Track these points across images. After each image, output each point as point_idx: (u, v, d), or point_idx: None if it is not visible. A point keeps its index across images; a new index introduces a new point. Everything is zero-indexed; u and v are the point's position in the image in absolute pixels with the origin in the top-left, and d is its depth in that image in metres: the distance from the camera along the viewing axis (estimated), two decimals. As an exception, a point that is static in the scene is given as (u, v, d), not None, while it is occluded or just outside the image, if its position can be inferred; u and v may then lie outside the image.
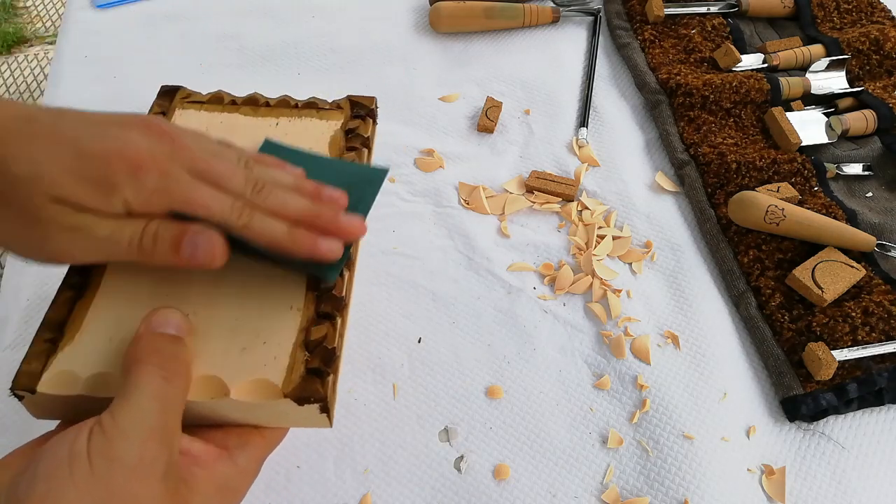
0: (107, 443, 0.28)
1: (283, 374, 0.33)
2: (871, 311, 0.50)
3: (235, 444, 0.34)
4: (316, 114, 0.46)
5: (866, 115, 0.63)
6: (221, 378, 0.33)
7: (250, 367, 0.33)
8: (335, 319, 0.35)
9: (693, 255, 0.57)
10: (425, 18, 0.76)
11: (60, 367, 0.33)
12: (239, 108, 0.46)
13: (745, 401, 0.49)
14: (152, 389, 0.30)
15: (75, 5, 0.78)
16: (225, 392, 0.32)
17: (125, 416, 0.29)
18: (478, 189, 0.60)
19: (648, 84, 0.68)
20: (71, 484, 0.27)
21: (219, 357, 0.34)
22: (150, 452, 0.29)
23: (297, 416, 0.34)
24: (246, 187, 0.35)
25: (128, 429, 0.28)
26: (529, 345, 0.51)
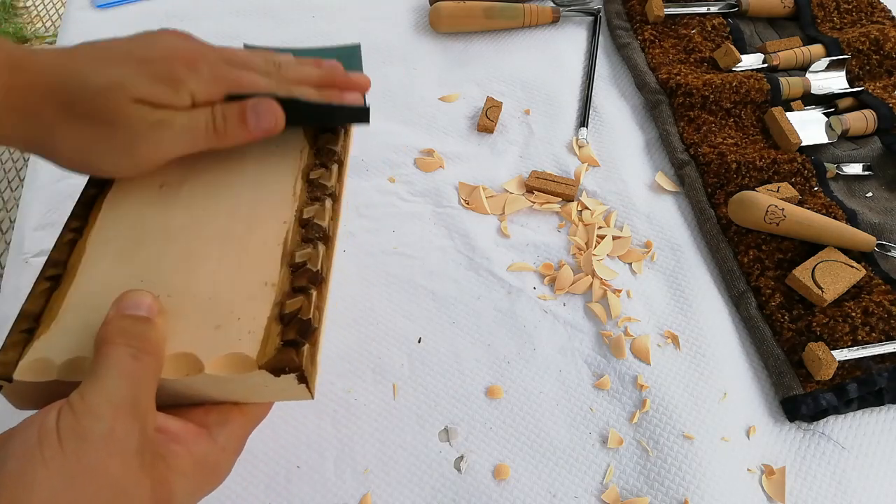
0: (75, 420, 0.28)
1: (258, 347, 0.33)
2: (871, 311, 0.50)
3: (215, 421, 0.34)
4: None
5: (866, 115, 0.63)
6: (196, 355, 0.33)
7: (225, 342, 0.33)
8: (310, 292, 0.35)
9: (693, 255, 0.57)
10: (425, 18, 0.76)
11: (36, 355, 0.33)
12: None
13: (745, 401, 0.49)
14: (120, 367, 0.30)
15: (75, 5, 0.78)
16: (199, 368, 0.32)
17: (93, 394, 0.29)
18: (478, 189, 0.60)
19: (648, 84, 0.68)
20: (41, 462, 0.27)
21: (193, 335, 0.33)
22: (121, 428, 0.28)
23: (276, 388, 0.33)
24: (269, 67, 0.41)
25: (96, 406, 0.28)
26: (529, 345, 0.51)
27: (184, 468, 0.31)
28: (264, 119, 0.38)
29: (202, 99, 0.37)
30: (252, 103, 0.38)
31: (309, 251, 0.37)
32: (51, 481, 0.26)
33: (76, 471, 0.27)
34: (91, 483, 0.27)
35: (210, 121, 0.37)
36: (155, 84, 0.36)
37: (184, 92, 0.36)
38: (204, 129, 0.37)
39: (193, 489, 0.32)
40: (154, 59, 0.36)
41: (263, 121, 0.38)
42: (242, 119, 0.38)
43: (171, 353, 0.33)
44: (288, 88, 0.40)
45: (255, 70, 0.40)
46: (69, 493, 0.27)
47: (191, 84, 0.37)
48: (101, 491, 0.27)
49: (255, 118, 0.38)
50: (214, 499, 0.44)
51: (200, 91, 0.37)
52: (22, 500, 0.26)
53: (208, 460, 0.33)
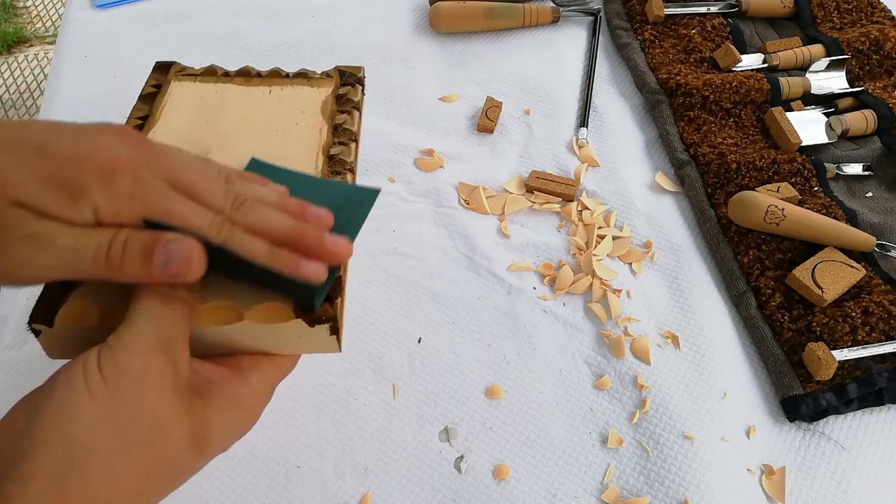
0: (114, 357, 0.29)
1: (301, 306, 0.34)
2: (871, 311, 0.50)
3: (248, 366, 0.35)
4: (307, 82, 0.48)
5: (866, 115, 0.63)
6: (234, 304, 0.34)
7: (262, 294, 0.34)
8: None
9: (693, 255, 0.57)
10: (425, 18, 0.76)
11: (76, 302, 0.34)
12: (232, 80, 0.48)
13: (745, 401, 0.49)
14: (150, 311, 0.31)
15: (75, 5, 0.78)
16: (238, 317, 0.34)
17: (128, 334, 0.30)
18: (478, 189, 0.60)
19: (648, 84, 0.68)
20: (86, 392, 0.28)
21: (231, 287, 0.35)
22: (155, 365, 0.30)
23: (308, 339, 0.35)
24: (226, 201, 0.33)
25: (130, 345, 0.30)
26: (529, 345, 0.51)
27: (220, 407, 0.32)
28: (175, 264, 0.31)
29: (108, 219, 0.30)
30: (166, 240, 0.30)
31: None
32: (96, 410, 0.28)
33: (118, 401, 0.29)
34: (132, 414, 0.29)
35: (104, 248, 0.30)
36: (47, 188, 0.29)
37: (84, 205, 0.29)
38: (92, 257, 0.30)
39: (229, 428, 0.33)
40: (61, 159, 0.30)
41: (174, 265, 0.31)
42: (147, 256, 0.30)
43: (211, 304, 0.34)
44: (230, 234, 0.32)
45: (203, 201, 0.33)
46: (112, 421, 0.28)
47: (96, 197, 0.30)
48: (142, 421, 0.29)
49: (163, 259, 0.30)
50: (215, 499, 0.44)
51: (108, 209, 0.30)
52: (68, 428, 0.28)
53: (242, 401, 0.34)
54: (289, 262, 0.33)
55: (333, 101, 0.47)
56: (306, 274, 0.33)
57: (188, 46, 0.72)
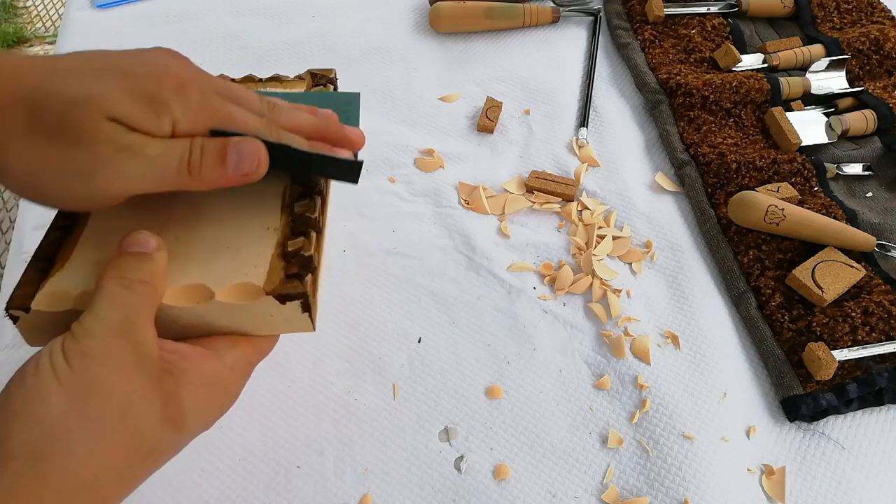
0: (76, 342, 0.30)
1: (264, 278, 0.35)
2: (871, 311, 0.50)
3: (223, 345, 0.36)
4: (280, 84, 0.49)
5: (866, 115, 0.63)
6: (206, 284, 0.35)
7: (233, 274, 0.36)
8: (310, 235, 0.38)
9: (693, 255, 0.57)
10: (425, 18, 0.76)
11: (53, 288, 0.35)
12: None
13: (745, 401, 0.49)
14: (110, 295, 0.32)
15: (75, 5, 0.78)
16: (210, 295, 0.34)
17: (88, 320, 0.31)
18: (478, 189, 0.60)
19: (648, 84, 0.68)
20: (54, 377, 0.29)
21: (203, 269, 0.36)
22: (115, 347, 0.31)
23: (281, 318, 0.36)
24: (263, 107, 0.38)
25: (91, 329, 0.31)
26: (529, 345, 0.51)
27: (193, 384, 0.33)
28: (246, 161, 0.34)
29: (184, 129, 0.33)
30: (236, 142, 0.34)
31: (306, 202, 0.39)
32: (65, 394, 0.29)
33: (84, 384, 0.30)
34: (100, 395, 0.30)
35: (186, 155, 0.33)
36: (135, 102, 0.32)
37: (165, 118, 0.33)
38: (177, 164, 0.33)
39: (205, 405, 0.34)
40: (141, 75, 0.33)
41: (245, 163, 0.34)
42: (222, 158, 0.34)
43: (183, 284, 0.35)
44: (278, 133, 0.37)
45: (248, 107, 0.37)
46: (81, 404, 0.29)
47: (175, 110, 0.33)
48: (110, 402, 0.30)
49: (236, 159, 0.34)
50: (215, 499, 0.44)
51: (184, 119, 0.33)
52: (40, 413, 0.29)
53: (218, 378, 0.35)
54: (327, 150, 0.38)
55: None
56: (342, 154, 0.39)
57: (188, 46, 0.72)
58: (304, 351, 0.50)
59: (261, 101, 0.38)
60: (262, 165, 0.35)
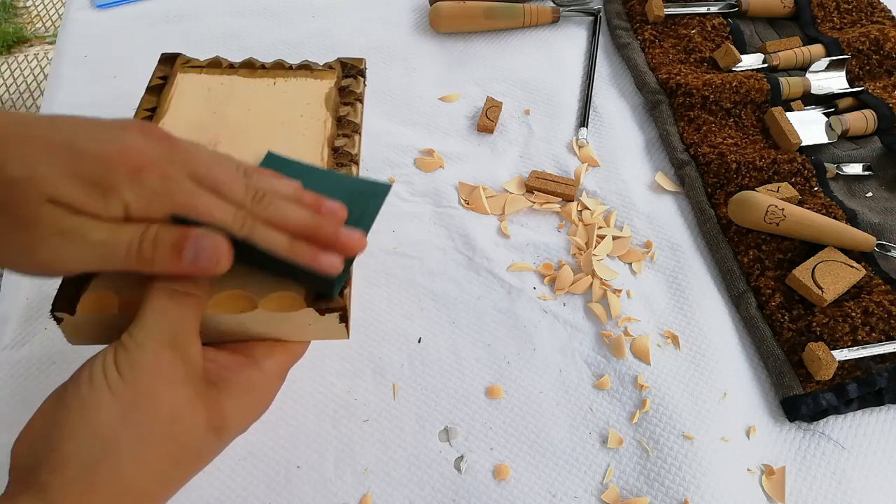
0: (128, 355, 0.31)
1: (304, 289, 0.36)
2: (871, 311, 0.50)
3: (261, 353, 0.37)
4: (310, 74, 0.50)
5: (866, 115, 0.63)
6: (249, 294, 0.36)
7: (274, 285, 0.36)
8: None
9: (693, 255, 0.57)
10: (425, 18, 0.76)
11: (98, 290, 0.35)
12: (237, 71, 0.50)
13: (745, 401, 0.49)
14: (159, 308, 0.33)
15: (75, 5, 0.78)
16: (252, 305, 0.35)
17: (139, 333, 0.32)
18: (478, 189, 0.60)
19: (648, 84, 0.68)
20: (107, 387, 0.31)
21: (246, 278, 0.36)
22: (165, 360, 0.32)
23: (318, 326, 0.37)
24: (246, 196, 0.35)
25: (142, 342, 0.32)
26: (529, 345, 0.51)
27: (234, 393, 0.34)
28: (204, 258, 0.32)
29: (137, 214, 0.32)
30: (195, 235, 0.32)
31: None
32: (117, 404, 0.30)
33: (136, 395, 0.31)
34: (150, 407, 0.31)
35: (135, 242, 0.31)
36: (79, 185, 0.30)
37: (114, 201, 0.31)
38: (125, 251, 0.31)
39: (245, 412, 0.36)
40: (92, 156, 0.31)
41: (203, 259, 0.32)
42: (177, 251, 0.32)
43: (226, 293, 0.36)
44: (252, 228, 0.34)
45: (228, 195, 0.34)
46: (134, 416, 0.31)
47: (126, 194, 0.31)
48: (160, 413, 0.31)
49: (192, 253, 0.32)
50: (215, 499, 0.44)
51: (138, 205, 0.31)
52: (94, 421, 0.30)
53: (256, 386, 0.36)
54: (307, 255, 0.34)
55: (336, 94, 0.48)
56: (323, 266, 0.34)
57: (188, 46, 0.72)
58: (304, 351, 0.50)
59: (246, 190, 0.35)
60: (223, 262, 0.33)
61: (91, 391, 0.31)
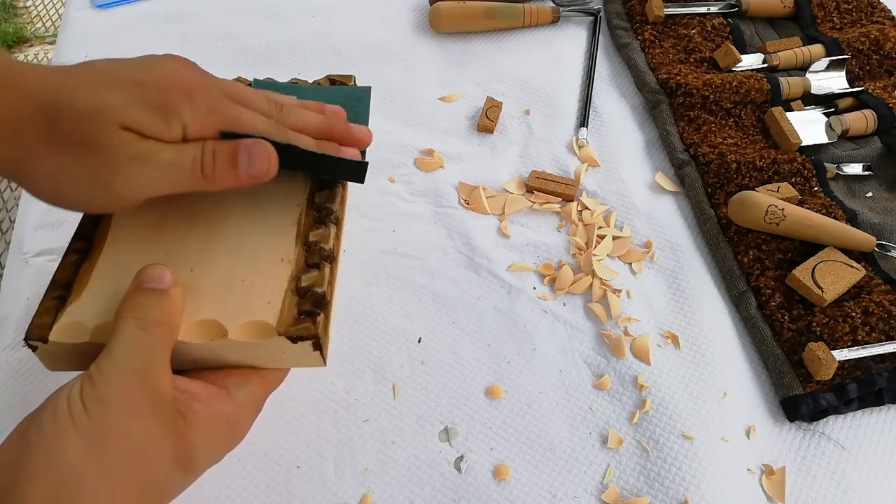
0: (94, 388, 0.31)
1: (277, 315, 0.36)
2: (871, 311, 0.50)
3: (235, 382, 0.36)
4: None
5: (866, 115, 0.63)
6: (220, 322, 0.35)
7: (246, 311, 0.36)
8: (323, 269, 0.38)
9: (693, 255, 0.57)
10: (425, 18, 0.76)
11: (70, 319, 0.35)
12: None
13: (745, 401, 0.49)
14: (128, 339, 0.32)
15: (75, 5, 0.78)
16: (223, 333, 0.35)
17: (106, 365, 0.32)
18: (478, 189, 0.60)
19: (648, 84, 0.68)
20: (72, 424, 0.30)
21: (216, 305, 0.36)
22: (133, 394, 0.31)
23: (292, 354, 0.36)
24: (271, 108, 0.39)
25: (109, 374, 0.31)
26: (529, 345, 0.51)
27: (204, 425, 0.33)
28: (257, 163, 0.35)
29: (194, 133, 0.35)
30: (246, 144, 0.35)
31: (322, 231, 0.39)
32: (81, 440, 0.30)
33: (101, 432, 0.30)
34: (116, 443, 0.30)
35: (198, 158, 0.34)
36: (146, 111, 0.33)
37: (176, 123, 0.34)
38: (190, 168, 0.34)
39: (215, 445, 0.35)
40: (149, 84, 0.34)
41: (255, 165, 0.35)
42: (233, 160, 0.35)
43: (197, 320, 0.35)
44: (286, 134, 0.38)
45: (256, 109, 0.38)
46: (98, 451, 0.30)
47: (185, 115, 0.34)
48: (126, 448, 0.31)
49: (246, 161, 0.35)
50: (215, 499, 0.44)
51: (194, 124, 0.34)
52: (57, 458, 0.29)
53: (228, 417, 0.35)
54: (333, 149, 0.39)
55: None
56: (349, 154, 0.40)
57: (188, 46, 0.72)
58: (304, 351, 0.50)
59: (268, 102, 0.39)
60: (273, 166, 0.36)
61: (54, 427, 0.30)
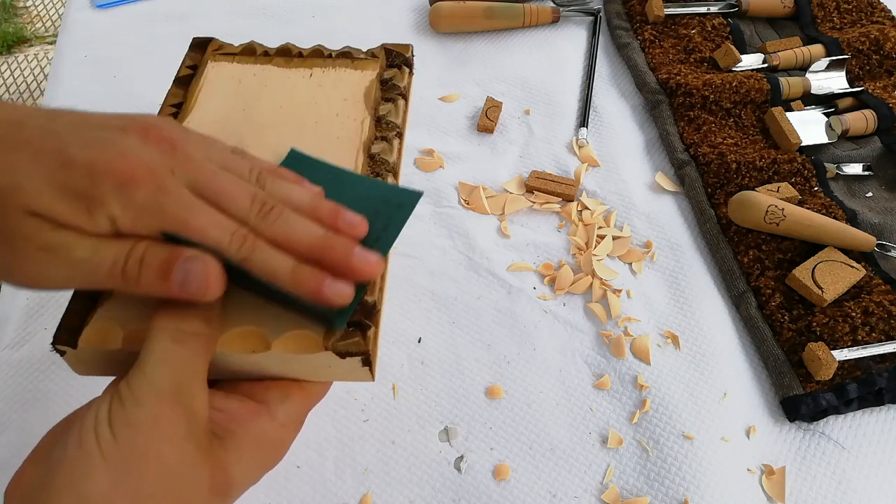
0: (123, 410, 0.28)
1: (324, 328, 0.32)
2: (871, 311, 0.50)
3: (276, 398, 0.33)
4: (350, 63, 0.45)
5: (866, 115, 0.63)
6: (262, 332, 0.32)
7: (291, 320, 0.32)
8: None
9: (693, 255, 0.57)
10: (425, 18, 0.76)
11: (101, 322, 0.32)
12: (272, 60, 0.45)
13: (745, 401, 0.49)
14: (161, 353, 0.29)
15: (75, 5, 0.78)
16: (266, 346, 0.32)
17: (137, 383, 0.29)
18: (478, 189, 0.60)
19: (648, 84, 0.68)
20: (97, 450, 0.27)
21: (259, 312, 0.33)
22: (167, 414, 0.28)
23: (339, 369, 0.33)
24: (252, 209, 0.31)
25: (140, 395, 0.28)
26: (529, 345, 0.51)
27: (242, 448, 0.31)
28: (193, 283, 0.29)
29: (126, 229, 0.29)
30: (185, 258, 0.29)
31: None
32: (108, 468, 0.27)
33: (130, 458, 0.28)
34: (147, 469, 0.28)
35: (120, 262, 0.29)
36: (63, 197, 0.28)
37: (100, 216, 0.28)
38: (108, 270, 0.29)
39: (253, 468, 0.32)
40: (80, 166, 0.28)
41: (192, 284, 0.29)
42: (165, 273, 0.29)
43: (238, 330, 0.32)
44: (251, 251, 0.30)
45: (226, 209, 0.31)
46: (126, 479, 0.27)
47: (112, 208, 0.28)
48: (159, 477, 0.28)
49: (181, 277, 0.29)
50: (214, 499, 0.44)
51: (125, 220, 0.29)
52: (80, 486, 0.27)
53: (268, 439, 0.32)
54: (311, 286, 0.30)
55: (377, 88, 0.44)
56: (329, 297, 0.30)
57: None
58: (304, 351, 0.50)
59: (253, 202, 0.31)
60: (213, 289, 0.30)
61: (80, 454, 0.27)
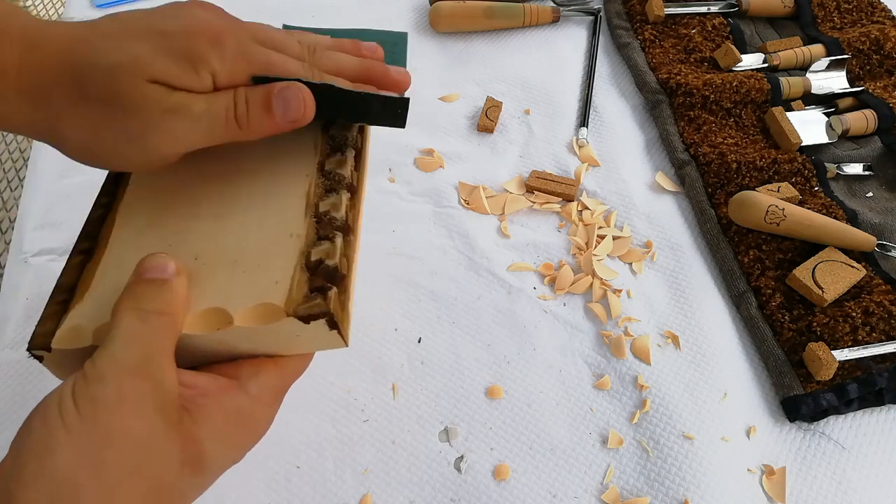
0: (87, 386, 0.28)
1: (286, 295, 0.32)
2: (872, 311, 0.50)
3: (247, 373, 0.33)
4: None
5: (866, 115, 0.63)
6: (224, 308, 0.32)
7: (252, 293, 0.33)
8: (335, 240, 0.35)
9: (693, 255, 0.57)
10: (425, 18, 0.76)
11: (71, 324, 0.33)
12: None
13: (745, 401, 0.49)
14: (126, 330, 0.30)
15: (75, 5, 0.78)
16: (229, 321, 0.32)
17: (101, 359, 0.29)
18: (478, 189, 0.60)
19: (648, 84, 0.68)
20: (62, 427, 0.27)
21: (221, 290, 0.33)
22: (132, 389, 0.28)
23: (308, 337, 0.33)
24: (303, 51, 0.37)
25: (103, 371, 0.29)
26: (529, 345, 0.51)
27: (214, 421, 0.31)
28: (292, 107, 0.34)
29: (224, 81, 0.33)
30: (280, 88, 0.34)
31: (332, 200, 0.36)
32: (73, 444, 0.27)
33: (95, 433, 0.27)
34: (112, 442, 0.28)
35: (231, 107, 0.33)
36: (173, 62, 0.32)
37: (205, 72, 0.32)
38: (224, 118, 0.33)
39: (228, 442, 0.32)
40: (174, 33, 0.32)
41: (291, 110, 0.34)
42: (267, 106, 0.33)
43: (200, 310, 0.32)
44: (321, 76, 0.36)
45: (288, 52, 0.36)
46: (91, 452, 0.27)
47: (213, 63, 0.32)
48: (125, 449, 0.28)
49: (281, 106, 0.34)
50: (214, 499, 0.44)
51: (223, 71, 0.33)
52: (47, 464, 0.27)
53: (241, 412, 0.32)
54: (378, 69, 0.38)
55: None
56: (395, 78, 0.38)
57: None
58: (304, 351, 0.50)
59: (301, 45, 0.37)
60: (309, 109, 0.35)
61: (45, 432, 0.27)
